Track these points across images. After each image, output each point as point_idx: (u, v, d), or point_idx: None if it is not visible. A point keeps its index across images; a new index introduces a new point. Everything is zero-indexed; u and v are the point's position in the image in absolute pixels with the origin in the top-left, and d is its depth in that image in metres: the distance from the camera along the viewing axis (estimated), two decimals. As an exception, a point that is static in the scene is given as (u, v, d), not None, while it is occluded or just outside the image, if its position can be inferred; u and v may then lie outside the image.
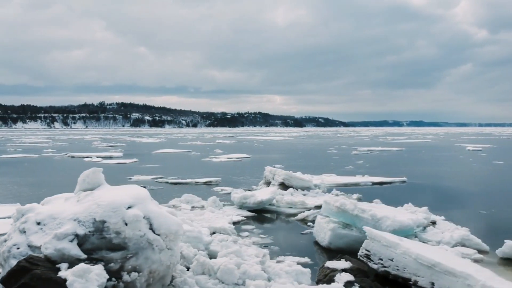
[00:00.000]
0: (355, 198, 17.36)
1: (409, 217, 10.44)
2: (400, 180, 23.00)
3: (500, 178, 24.54)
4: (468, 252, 9.90)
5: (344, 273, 7.95)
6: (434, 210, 14.50)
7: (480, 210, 15.11)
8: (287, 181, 17.74)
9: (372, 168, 30.24)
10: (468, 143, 70.45)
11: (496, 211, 15.17)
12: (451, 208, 15.47)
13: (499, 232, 11.98)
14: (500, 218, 14.10)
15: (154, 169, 29.83)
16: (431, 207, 15.05)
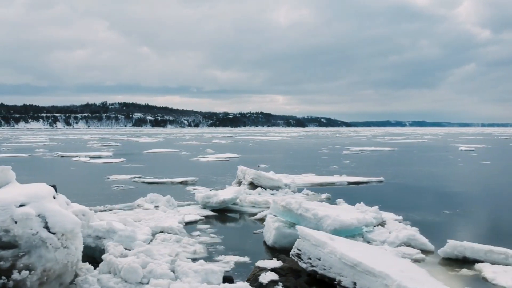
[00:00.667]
0: (324, 197, 17.38)
1: (354, 217, 10.40)
2: (377, 180, 22.94)
3: (478, 179, 24.46)
4: (410, 252, 9.87)
5: (269, 273, 7.95)
6: (396, 209, 14.55)
7: (444, 210, 15.04)
8: (256, 181, 17.73)
9: (356, 168, 30.19)
10: (464, 143, 70.21)
11: (461, 211, 15.12)
12: (415, 208, 15.41)
13: (454, 232, 11.94)
14: (460, 218, 14.05)
15: (138, 168, 29.86)
16: (395, 206, 15.13)
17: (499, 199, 17.52)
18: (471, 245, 9.61)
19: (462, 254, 9.60)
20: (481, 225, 13.09)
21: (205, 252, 10.03)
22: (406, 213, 14.38)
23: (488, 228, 12.69)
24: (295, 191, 18.24)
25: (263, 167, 30.75)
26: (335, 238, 8.70)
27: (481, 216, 14.31)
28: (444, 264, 9.43)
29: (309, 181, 22.00)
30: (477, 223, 13.42)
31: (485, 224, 13.21)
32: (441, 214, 14.58)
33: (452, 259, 9.63)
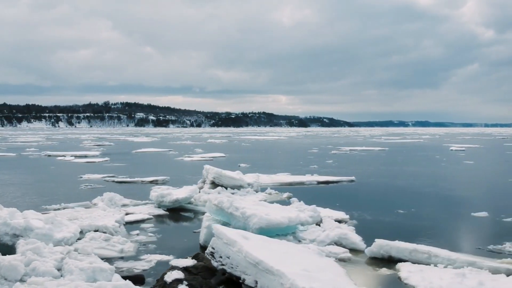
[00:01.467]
0: (285, 197, 17.35)
1: (287, 216, 10.37)
2: (348, 180, 22.87)
3: (449, 179, 24.31)
4: (337, 251, 9.83)
5: (175, 271, 7.94)
6: (349, 208, 14.59)
7: (399, 210, 14.97)
8: (217, 180, 17.71)
9: (336, 167, 30.12)
10: (457, 144, 69.96)
11: (416, 211, 15.06)
12: (371, 207, 15.38)
13: (396, 231, 11.89)
14: (409, 218, 13.99)
15: (118, 167, 29.93)
16: (351, 205, 15.21)
17: (459, 200, 17.43)
18: (397, 245, 9.57)
19: (387, 253, 9.55)
20: (427, 225, 13.01)
21: (133, 251, 10.02)
22: (359, 212, 14.39)
23: (433, 228, 12.61)
24: (258, 190, 18.23)
25: (243, 167, 30.79)
26: (251, 236, 8.68)
27: (432, 216, 14.23)
28: (367, 263, 9.39)
29: (279, 180, 21.97)
30: (424, 222, 13.33)
31: (432, 224, 13.13)
32: (393, 213, 14.52)
33: (378, 259, 9.59)
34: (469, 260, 8.85)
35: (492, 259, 9.38)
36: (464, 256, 9.12)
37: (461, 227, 12.68)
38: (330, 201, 16.63)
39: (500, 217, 13.73)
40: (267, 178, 22.44)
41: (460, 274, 8.08)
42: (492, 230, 12.23)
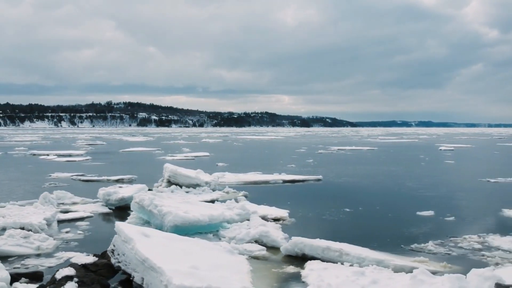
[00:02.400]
0: (241, 195, 17.30)
1: (209, 213, 10.33)
2: (314, 179, 22.82)
3: (419, 178, 24.10)
4: (253, 248, 9.78)
5: (68, 268, 7.90)
6: (294, 206, 14.56)
7: (346, 208, 14.90)
8: (173, 178, 17.70)
9: (312, 166, 30.05)
10: (452, 143, 69.72)
11: (364, 209, 15.01)
12: (318, 206, 15.37)
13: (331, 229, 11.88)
14: (351, 216, 13.92)
15: (93, 166, 30.01)
16: (298, 204, 15.19)
17: (414, 199, 17.29)
18: (311, 242, 9.50)
19: (301, 251, 9.50)
20: (364, 224, 12.95)
21: (51, 249, 10.01)
22: (305, 210, 14.46)
23: (369, 226, 12.55)
24: (215, 189, 18.18)
25: (221, 166, 30.81)
26: (154, 234, 8.65)
27: (375, 215, 14.16)
28: (279, 261, 9.32)
29: (245, 179, 21.92)
30: (364, 221, 13.28)
31: (370, 223, 13.07)
32: (339, 212, 14.47)
33: (292, 256, 9.53)
34: (378, 259, 8.79)
35: (406, 258, 9.33)
36: (375, 255, 9.04)
37: (397, 226, 12.58)
38: (282, 200, 16.66)
39: (443, 216, 13.64)
40: (234, 177, 22.42)
41: (359, 273, 8.02)
42: (425, 229, 12.13)
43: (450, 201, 16.86)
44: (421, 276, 7.44)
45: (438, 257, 9.52)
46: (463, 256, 9.64)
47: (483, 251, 9.90)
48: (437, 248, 10.10)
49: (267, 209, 13.96)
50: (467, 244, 10.43)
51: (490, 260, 9.29)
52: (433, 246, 10.21)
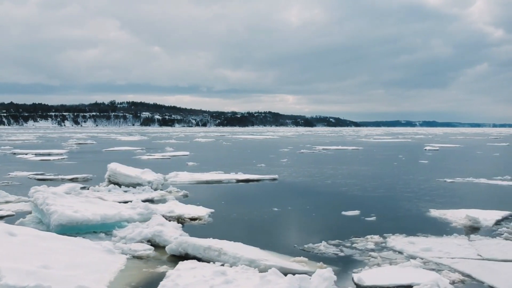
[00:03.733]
0: (180, 195, 17.32)
1: (102, 213, 10.31)
2: (270, 178, 22.78)
3: (376, 178, 23.92)
4: (140, 248, 9.74)
5: None
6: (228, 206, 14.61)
7: (275, 208, 14.84)
8: (113, 178, 17.72)
9: (284, 166, 29.96)
10: (442, 143, 69.41)
11: (292, 208, 14.94)
12: (250, 205, 15.40)
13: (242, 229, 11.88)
14: (272, 216, 13.86)
15: (61, 165, 30.16)
16: (234, 203, 15.23)
17: (350, 199, 17.19)
18: (194, 242, 9.46)
19: (185, 250, 9.46)
20: (277, 223, 12.91)
21: None
22: (231, 210, 14.47)
23: (279, 226, 12.51)
24: (157, 188, 18.17)
25: (191, 165, 30.84)
26: (22, 232, 8.64)
27: (296, 215, 14.11)
28: (157, 261, 9.27)
29: (198, 179, 21.91)
30: (279, 220, 13.24)
31: (283, 222, 13.03)
32: (265, 211, 14.43)
33: (176, 256, 9.49)
34: (251, 258, 8.73)
35: (286, 257, 9.26)
36: (251, 254, 8.97)
37: (308, 226, 12.55)
38: (219, 199, 16.76)
39: (366, 216, 13.55)
40: (189, 176, 22.43)
41: (219, 272, 7.99)
42: (335, 228, 12.05)
43: (386, 200, 16.76)
44: (270, 277, 7.41)
45: (322, 257, 9.45)
46: (348, 256, 9.56)
47: (373, 252, 9.81)
48: (328, 248, 10.02)
49: (191, 209, 13.93)
50: (362, 244, 10.34)
51: (372, 261, 9.20)
52: (326, 246, 10.13)
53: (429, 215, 13.94)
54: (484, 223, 12.50)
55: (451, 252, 9.69)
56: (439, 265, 8.98)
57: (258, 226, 12.61)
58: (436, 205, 15.28)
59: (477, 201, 16.41)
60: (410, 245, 10.24)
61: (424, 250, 9.80)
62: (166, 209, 13.15)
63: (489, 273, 8.35)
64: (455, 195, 17.90)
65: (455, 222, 12.81)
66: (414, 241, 10.50)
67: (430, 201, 16.45)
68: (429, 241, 10.56)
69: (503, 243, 10.50)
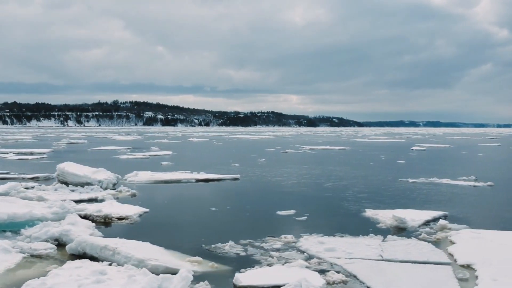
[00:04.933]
0: (128, 194, 17.32)
1: (6, 211, 10.31)
2: (231, 178, 22.76)
3: (340, 179, 23.77)
4: (42, 247, 9.71)
5: None
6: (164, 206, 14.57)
7: (212, 208, 14.81)
8: (61, 177, 17.74)
9: (259, 166, 29.86)
10: (433, 143, 69.11)
11: (232, 208, 14.89)
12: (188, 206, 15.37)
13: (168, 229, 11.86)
14: (210, 216, 13.84)
15: (35, 165, 30.24)
16: (175, 203, 15.16)
17: (296, 198, 17.12)
18: (92, 241, 9.44)
19: (83, 250, 9.44)
20: (200, 224, 12.87)
21: None
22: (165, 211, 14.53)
23: (200, 227, 12.46)
24: (108, 187, 18.17)
25: (165, 165, 30.88)
26: None
27: (227, 215, 14.06)
28: (53, 260, 9.24)
29: (158, 178, 21.89)
30: (204, 221, 13.21)
31: (208, 223, 12.99)
32: (197, 212, 14.42)
33: (75, 255, 9.46)
34: (140, 258, 8.70)
35: (184, 257, 9.24)
36: (143, 254, 8.92)
37: (230, 226, 12.50)
38: (164, 199, 16.77)
39: (297, 216, 13.51)
40: (149, 176, 22.43)
41: (98, 272, 8.00)
42: (254, 228, 11.99)
43: (330, 200, 16.69)
44: (138, 277, 7.38)
45: (223, 257, 9.41)
46: (248, 256, 9.50)
47: (276, 251, 9.75)
48: (234, 248, 9.97)
49: (123, 208, 13.91)
50: (270, 244, 10.29)
51: (269, 260, 9.14)
52: (232, 246, 10.07)
53: (362, 215, 13.85)
54: (410, 223, 12.40)
55: (354, 252, 9.61)
56: (332, 265, 8.92)
57: (181, 226, 12.60)
58: (377, 205, 15.17)
59: (421, 201, 16.33)
60: (318, 245, 10.17)
61: (328, 250, 9.74)
62: (95, 208, 13.14)
63: (375, 274, 8.28)
64: (405, 196, 17.77)
65: (382, 223, 12.72)
66: (324, 241, 10.42)
67: (375, 201, 16.35)
68: (339, 241, 10.48)
69: (413, 243, 10.41)
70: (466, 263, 8.91)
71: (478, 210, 14.78)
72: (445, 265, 8.84)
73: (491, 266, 8.55)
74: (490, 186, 20.95)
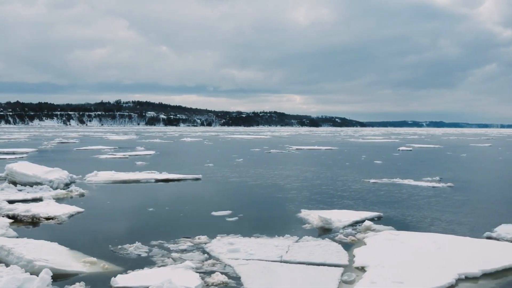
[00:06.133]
0: (76, 194, 17.32)
1: None
2: (193, 178, 22.72)
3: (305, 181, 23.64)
4: None
5: None
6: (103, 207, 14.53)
7: (150, 208, 14.77)
8: (10, 177, 17.78)
9: (232, 166, 29.82)
10: (426, 144, 68.83)
11: (169, 209, 14.85)
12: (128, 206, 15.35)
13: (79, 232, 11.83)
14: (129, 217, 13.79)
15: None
16: (118, 203, 15.20)
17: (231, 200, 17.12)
18: (-8, 241, 9.41)
19: (-18, 250, 9.39)
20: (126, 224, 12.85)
21: None
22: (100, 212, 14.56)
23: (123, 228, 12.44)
24: (58, 187, 18.17)
25: (139, 164, 30.88)
26: None
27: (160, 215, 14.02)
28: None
29: (117, 178, 21.87)
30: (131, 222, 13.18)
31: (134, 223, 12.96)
32: (130, 212, 14.38)
33: (-25, 255, 9.42)
34: (29, 259, 8.65)
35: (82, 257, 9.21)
36: (33, 255, 8.86)
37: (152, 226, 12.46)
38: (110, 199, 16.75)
39: (231, 217, 13.47)
40: (109, 176, 22.41)
41: None
42: (176, 229, 11.94)
43: (273, 201, 16.65)
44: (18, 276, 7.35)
45: (123, 258, 9.37)
46: (147, 257, 9.44)
47: (179, 253, 9.68)
48: (138, 249, 9.89)
49: (58, 208, 13.90)
50: (177, 245, 10.23)
51: (165, 262, 9.08)
52: (137, 247, 10.00)
53: (295, 216, 13.75)
54: (335, 224, 12.31)
55: (256, 253, 9.53)
56: (225, 266, 8.86)
57: (103, 226, 12.56)
58: (318, 206, 15.06)
59: (366, 202, 16.25)
60: (227, 245, 10.10)
61: (232, 251, 9.66)
62: (24, 208, 13.13)
63: (260, 275, 8.20)
64: (353, 197, 17.63)
65: (310, 223, 12.64)
66: (234, 242, 10.35)
67: (319, 202, 16.27)
68: (250, 242, 10.40)
69: (323, 244, 10.33)
70: (362, 265, 8.81)
71: (417, 212, 14.62)
72: (338, 267, 8.75)
73: (382, 269, 8.46)
74: (449, 187, 20.78)
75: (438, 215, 14.13)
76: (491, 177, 24.60)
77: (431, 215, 14.10)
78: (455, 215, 14.12)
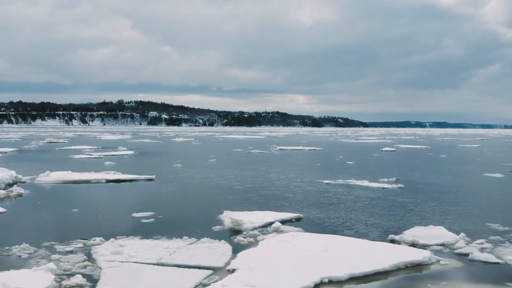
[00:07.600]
0: (14, 194, 17.31)
1: None
2: (146, 178, 22.70)
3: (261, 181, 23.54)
4: None
5: None
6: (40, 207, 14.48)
7: (93, 208, 14.74)
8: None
9: (201, 167, 29.77)
10: (420, 145, 68.58)
11: (93, 210, 14.81)
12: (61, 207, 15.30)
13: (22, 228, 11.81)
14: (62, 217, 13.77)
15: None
16: (48, 204, 15.03)
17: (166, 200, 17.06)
18: None
19: None
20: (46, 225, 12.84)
21: None
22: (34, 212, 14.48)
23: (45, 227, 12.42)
24: (0, 187, 18.17)
25: (107, 165, 30.94)
26: None
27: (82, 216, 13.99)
28: None
29: (68, 178, 21.86)
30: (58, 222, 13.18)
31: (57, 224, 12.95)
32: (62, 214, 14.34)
33: None
34: None
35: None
36: None
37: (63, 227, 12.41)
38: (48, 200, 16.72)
39: (152, 218, 13.42)
40: (61, 175, 22.41)
41: None
42: (80, 230, 11.88)
43: (203, 202, 16.58)
44: None
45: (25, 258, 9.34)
46: (27, 259, 9.37)
47: (59, 255, 9.62)
48: (24, 251, 9.84)
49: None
50: (65, 247, 10.17)
51: (41, 263, 9.01)
52: (23, 248, 9.94)
53: (214, 217, 13.57)
54: (246, 226, 12.22)
55: (136, 255, 9.46)
56: (94, 269, 8.78)
57: (13, 227, 12.51)
58: (247, 207, 14.95)
59: (296, 203, 16.13)
60: (116, 247, 10.01)
61: (114, 253, 9.59)
62: None
63: (119, 277, 8.13)
64: (288, 198, 17.53)
65: (221, 225, 12.56)
66: (125, 244, 10.29)
67: (253, 203, 16.18)
68: (141, 245, 10.33)
69: (214, 246, 10.26)
70: (233, 267, 8.72)
71: (341, 213, 14.41)
72: (209, 270, 8.65)
73: (248, 271, 8.37)
74: (400, 188, 20.64)
75: (360, 217, 13.95)
76: (448, 179, 24.32)
77: (354, 217, 13.94)
78: (377, 217, 13.97)
